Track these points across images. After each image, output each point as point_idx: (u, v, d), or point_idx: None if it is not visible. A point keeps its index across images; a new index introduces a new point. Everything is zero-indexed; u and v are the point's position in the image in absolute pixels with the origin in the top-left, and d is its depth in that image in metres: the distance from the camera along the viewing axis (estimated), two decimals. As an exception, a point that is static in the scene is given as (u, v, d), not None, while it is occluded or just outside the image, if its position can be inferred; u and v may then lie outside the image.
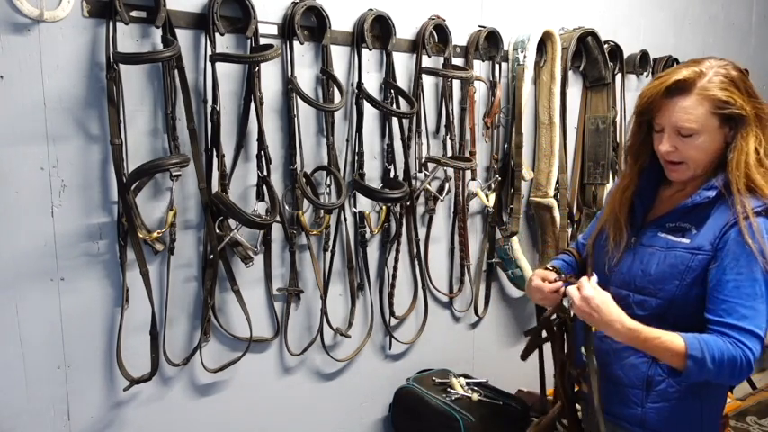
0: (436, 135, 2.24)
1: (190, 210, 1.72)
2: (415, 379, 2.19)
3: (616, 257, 1.49)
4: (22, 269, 1.49)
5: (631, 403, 1.47)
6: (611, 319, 1.34)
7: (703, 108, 1.32)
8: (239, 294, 1.81)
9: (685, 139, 1.35)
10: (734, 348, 1.29)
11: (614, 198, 1.54)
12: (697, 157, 1.36)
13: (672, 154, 1.37)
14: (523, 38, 2.33)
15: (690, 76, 1.33)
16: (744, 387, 3.41)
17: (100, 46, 1.52)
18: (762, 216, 1.31)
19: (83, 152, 1.54)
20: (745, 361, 1.29)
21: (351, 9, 1.94)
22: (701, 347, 1.30)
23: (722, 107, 1.32)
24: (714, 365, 1.29)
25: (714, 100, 1.32)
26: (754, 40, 3.64)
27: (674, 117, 1.34)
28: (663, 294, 1.39)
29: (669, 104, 1.35)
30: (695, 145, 1.35)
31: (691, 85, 1.33)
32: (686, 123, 1.33)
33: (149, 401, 1.73)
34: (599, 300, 1.36)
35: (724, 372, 1.30)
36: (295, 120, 1.83)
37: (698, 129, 1.33)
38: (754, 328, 1.30)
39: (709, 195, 1.37)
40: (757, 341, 1.30)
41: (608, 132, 2.62)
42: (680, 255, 1.38)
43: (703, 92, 1.32)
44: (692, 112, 1.32)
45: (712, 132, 1.34)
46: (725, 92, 1.31)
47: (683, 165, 1.39)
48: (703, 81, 1.32)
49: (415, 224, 2.19)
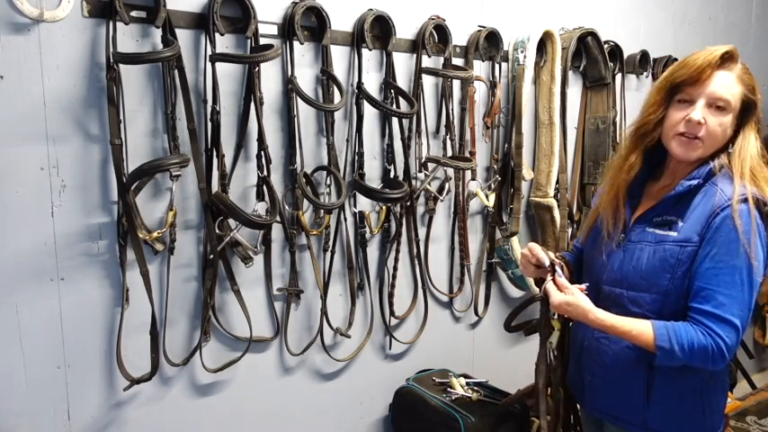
0: (436, 135, 2.24)
1: (190, 210, 1.72)
2: (415, 379, 2.19)
3: (605, 254, 1.51)
4: (22, 269, 1.49)
5: (632, 404, 1.47)
6: (585, 310, 1.40)
7: (739, 88, 1.38)
8: (239, 294, 1.81)
9: (716, 112, 1.37)
10: (705, 338, 1.31)
11: (613, 182, 1.52)
12: (717, 135, 1.38)
13: (698, 126, 1.37)
14: (523, 38, 2.33)
15: (734, 53, 1.39)
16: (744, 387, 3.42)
17: (100, 46, 1.52)
18: (752, 203, 1.32)
19: (83, 152, 1.54)
20: (717, 350, 1.31)
21: (351, 9, 1.94)
22: (669, 338, 1.33)
23: (751, 92, 1.39)
24: (684, 354, 1.32)
25: (747, 84, 1.38)
26: (753, 39, 3.64)
27: (714, 86, 1.37)
28: (656, 289, 1.40)
29: (713, 76, 1.37)
30: (722, 121, 1.38)
31: (733, 63, 1.39)
32: (725, 95, 1.36)
33: (149, 401, 1.73)
34: (571, 298, 1.42)
35: (695, 360, 1.33)
36: (295, 120, 1.83)
37: (732, 104, 1.37)
38: (729, 317, 1.31)
39: (691, 184, 1.39)
40: (732, 330, 1.31)
41: (608, 132, 2.62)
42: (669, 248, 1.39)
43: (739, 72, 1.39)
44: (733, 86, 1.37)
45: (735, 114, 1.39)
46: (751, 78, 1.40)
47: (697, 141, 1.38)
48: (738, 64, 1.40)
49: (415, 224, 2.19)
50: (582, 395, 1.61)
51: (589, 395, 1.58)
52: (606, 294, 1.49)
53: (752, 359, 3.19)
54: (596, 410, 1.58)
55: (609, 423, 1.56)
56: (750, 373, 3.12)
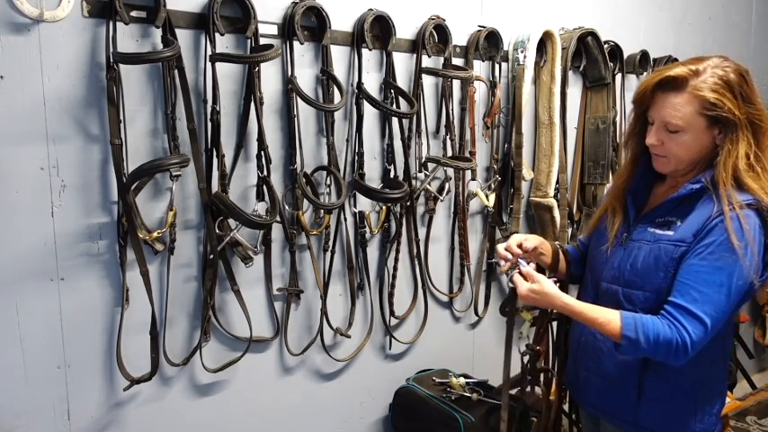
0: (436, 135, 2.24)
1: (190, 210, 1.72)
2: (415, 379, 2.19)
3: (609, 252, 1.52)
4: (22, 269, 1.49)
5: (624, 401, 1.49)
6: (551, 296, 1.42)
7: (691, 107, 1.34)
8: (239, 294, 1.81)
9: (672, 134, 1.38)
10: (671, 330, 1.32)
11: (612, 187, 1.61)
12: (679, 154, 1.39)
13: (657, 147, 1.41)
14: (523, 38, 2.33)
15: (683, 74, 1.34)
16: (744, 387, 3.41)
17: (100, 46, 1.52)
18: (750, 209, 1.32)
19: (83, 152, 1.54)
20: (681, 344, 1.31)
21: (351, 9, 1.94)
22: (635, 328, 1.34)
23: (710, 108, 1.33)
24: (648, 345, 1.33)
25: (702, 100, 1.33)
26: (754, 40, 3.64)
27: (663, 112, 1.37)
28: (649, 287, 1.41)
29: (660, 99, 1.37)
30: (679, 142, 1.38)
31: (683, 83, 1.34)
32: (673, 120, 1.36)
33: (149, 401, 1.73)
34: (536, 286, 1.44)
35: (659, 352, 1.34)
36: (295, 120, 1.83)
37: (683, 126, 1.35)
38: (699, 313, 1.31)
39: (694, 188, 1.39)
40: (699, 326, 1.31)
41: (608, 132, 2.62)
42: (664, 247, 1.40)
43: (694, 91, 1.33)
44: (680, 109, 1.34)
45: (698, 132, 1.36)
46: (715, 93, 1.32)
47: (664, 158, 1.42)
48: (697, 80, 1.33)
49: (415, 224, 2.19)
50: (578, 391, 1.63)
51: (584, 391, 1.60)
52: (604, 291, 1.51)
53: (752, 359, 3.20)
54: (590, 406, 1.60)
55: (603, 419, 1.58)
56: (750, 373, 3.12)
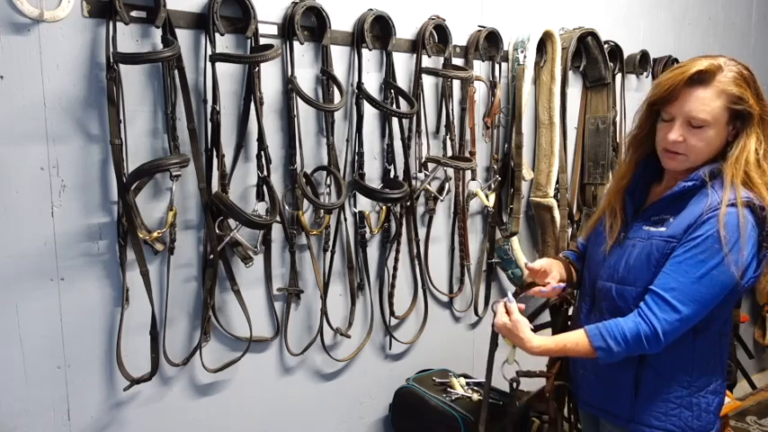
0: (436, 135, 2.24)
1: (190, 210, 1.72)
2: (415, 379, 2.19)
3: (607, 252, 1.53)
4: (22, 269, 1.49)
5: (621, 398, 1.49)
6: (521, 339, 1.46)
7: (720, 101, 1.35)
8: (239, 294, 1.81)
9: (695, 130, 1.37)
10: (635, 323, 1.35)
11: (611, 188, 1.60)
12: (701, 150, 1.39)
13: (678, 144, 1.39)
14: (523, 38, 2.33)
15: (710, 68, 1.35)
16: (744, 387, 3.41)
17: (100, 46, 1.52)
18: (745, 206, 1.32)
19: (83, 152, 1.54)
20: (651, 332, 1.34)
21: (351, 9, 1.94)
22: (602, 336, 1.38)
23: (737, 103, 1.35)
24: (620, 347, 1.36)
25: (730, 95, 1.34)
26: (754, 40, 3.64)
27: (688, 106, 1.36)
28: (641, 283, 1.42)
29: (686, 94, 1.36)
30: (704, 137, 1.37)
31: (711, 77, 1.35)
32: (700, 114, 1.35)
33: (149, 401, 1.73)
34: (510, 324, 1.49)
35: (634, 348, 1.37)
36: (295, 120, 1.83)
37: (710, 121, 1.35)
38: (673, 301, 1.33)
39: (686, 185, 1.40)
40: (672, 313, 1.33)
41: (608, 132, 2.62)
42: (656, 243, 1.41)
43: (720, 85, 1.34)
44: (709, 103, 1.35)
45: (721, 127, 1.37)
46: (739, 88, 1.34)
47: (682, 156, 1.41)
48: (721, 75, 1.35)
49: (415, 224, 2.19)
50: (576, 390, 1.64)
51: (582, 389, 1.61)
52: (599, 289, 1.53)
53: (752, 359, 3.20)
54: (588, 405, 1.61)
55: (601, 418, 1.58)
56: (750, 373, 3.13)
